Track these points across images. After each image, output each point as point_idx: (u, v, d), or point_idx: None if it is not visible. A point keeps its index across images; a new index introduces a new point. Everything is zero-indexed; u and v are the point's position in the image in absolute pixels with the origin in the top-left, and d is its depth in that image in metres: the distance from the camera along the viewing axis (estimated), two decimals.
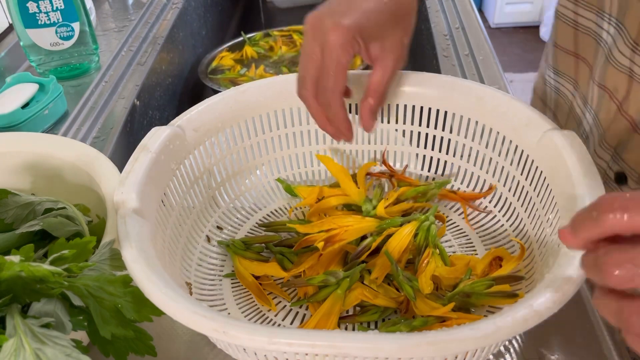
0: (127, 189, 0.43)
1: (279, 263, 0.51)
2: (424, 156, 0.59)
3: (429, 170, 0.60)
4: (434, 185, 0.56)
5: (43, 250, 0.47)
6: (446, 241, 0.54)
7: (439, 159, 0.59)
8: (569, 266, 0.35)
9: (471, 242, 0.54)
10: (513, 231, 0.52)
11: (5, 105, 0.66)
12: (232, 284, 0.52)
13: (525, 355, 0.44)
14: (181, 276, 0.48)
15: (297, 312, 0.48)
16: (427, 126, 0.57)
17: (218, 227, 0.56)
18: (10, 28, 0.91)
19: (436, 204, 0.55)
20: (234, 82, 0.96)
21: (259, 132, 0.59)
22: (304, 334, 0.32)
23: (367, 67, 0.92)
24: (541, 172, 0.48)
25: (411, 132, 0.58)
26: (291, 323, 0.48)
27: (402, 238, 0.49)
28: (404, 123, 0.58)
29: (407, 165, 0.60)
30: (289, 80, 0.57)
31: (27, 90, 0.69)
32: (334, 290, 0.46)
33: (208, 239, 0.55)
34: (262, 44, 1.06)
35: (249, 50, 1.04)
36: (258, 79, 0.95)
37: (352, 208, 0.57)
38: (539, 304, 0.33)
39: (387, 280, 0.48)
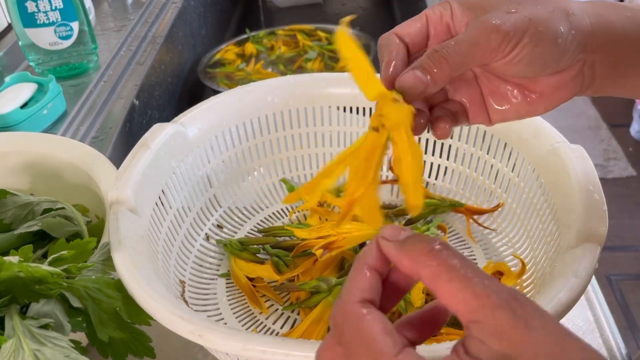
0: (122, 184, 0.43)
1: (275, 265, 0.50)
2: (431, 163, 0.59)
3: (435, 179, 0.59)
4: (447, 202, 0.55)
5: (42, 251, 0.47)
6: None
7: (446, 167, 0.58)
8: (561, 289, 0.34)
9: (473, 255, 0.53)
10: (516, 245, 0.51)
11: (4, 105, 0.66)
12: (227, 283, 0.51)
13: None
14: (175, 274, 0.48)
15: (289, 317, 0.48)
16: None
17: (218, 226, 0.56)
18: (9, 27, 0.91)
19: (440, 216, 0.54)
20: (230, 77, 0.96)
21: (264, 132, 0.58)
22: (279, 342, 0.32)
23: None
24: (546, 186, 0.47)
25: (419, 138, 0.58)
26: (282, 327, 0.47)
27: None
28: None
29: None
30: (296, 82, 0.57)
31: (26, 90, 0.69)
32: (325, 296, 0.45)
33: (207, 238, 0.54)
34: (265, 41, 1.06)
35: (249, 47, 1.04)
36: (255, 74, 0.96)
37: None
38: None
39: None
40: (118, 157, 0.67)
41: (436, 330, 0.26)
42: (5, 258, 0.35)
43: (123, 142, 0.70)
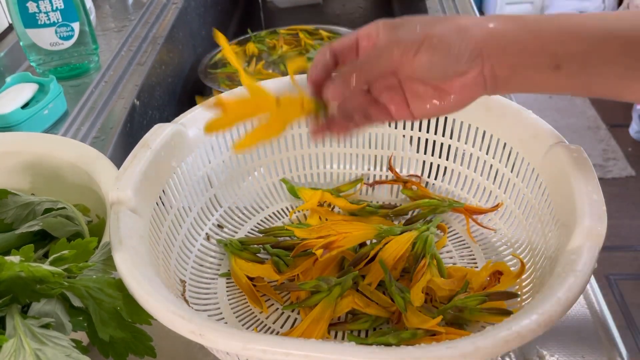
0: (122, 184, 0.43)
1: (275, 265, 0.50)
2: (431, 163, 0.59)
3: (435, 178, 0.59)
4: (447, 202, 0.55)
5: (43, 251, 0.47)
6: (447, 252, 0.54)
7: (445, 167, 0.58)
8: (560, 288, 0.34)
9: (472, 255, 0.53)
10: (515, 245, 0.51)
11: (5, 105, 0.66)
12: (227, 283, 0.52)
13: (526, 355, 0.44)
14: (176, 274, 0.48)
15: (289, 316, 0.48)
16: (435, 133, 0.57)
17: (219, 226, 0.56)
18: (10, 28, 0.91)
19: (439, 216, 0.54)
20: (231, 78, 0.96)
21: None
22: (279, 341, 0.32)
23: None
24: (545, 187, 0.47)
25: (418, 138, 0.58)
26: (282, 327, 0.47)
27: (398, 246, 0.48)
28: (412, 129, 0.58)
29: (420, 176, 0.60)
30: (297, 82, 0.57)
31: (27, 90, 0.69)
32: (325, 296, 0.45)
33: (208, 237, 0.55)
34: (267, 41, 1.06)
35: (251, 47, 1.04)
36: (256, 75, 0.96)
37: (354, 213, 0.56)
38: (522, 325, 0.32)
39: (382, 289, 0.48)
40: (119, 157, 0.68)
41: None
42: (7, 258, 0.35)
43: (124, 143, 0.70)
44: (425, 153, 0.59)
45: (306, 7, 1.33)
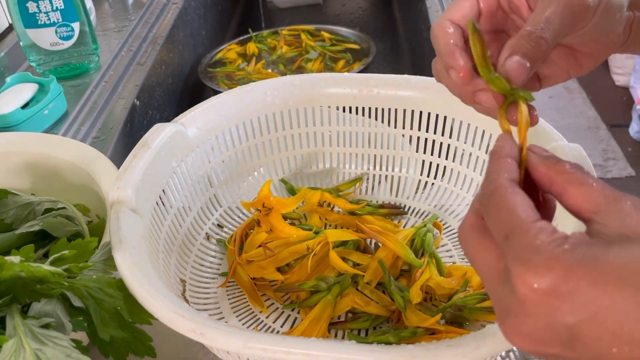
0: (122, 184, 0.43)
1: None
2: (430, 163, 0.59)
3: (434, 178, 0.59)
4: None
5: (43, 250, 0.47)
6: (446, 250, 0.54)
7: (445, 167, 0.58)
8: None
9: None
10: None
11: (5, 105, 0.66)
12: (227, 282, 0.52)
13: (526, 355, 0.44)
14: (176, 273, 0.48)
15: (289, 315, 0.48)
16: (434, 132, 0.57)
17: (219, 225, 0.56)
18: (10, 28, 0.91)
19: (435, 214, 0.54)
20: (230, 77, 0.96)
21: (264, 132, 0.58)
22: (280, 340, 0.32)
23: (363, 71, 0.92)
24: None
25: (418, 138, 0.58)
26: (282, 326, 0.47)
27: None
28: (411, 129, 0.58)
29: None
30: (296, 82, 0.57)
31: (27, 90, 0.69)
32: (324, 295, 0.46)
33: (208, 237, 0.55)
34: (268, 40, 1.07)
35: (251, 46, 1.05)
36: (255, 74, 0.96)
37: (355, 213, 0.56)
38: None
39: (381, 288, 0.48)
40: (119, 157, 0.68)
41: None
42: (7, 258, 0.35)
43: (124, 142, 0.70)
44: (425, 153, 0.58)
45: (306, 7, 1.33)
